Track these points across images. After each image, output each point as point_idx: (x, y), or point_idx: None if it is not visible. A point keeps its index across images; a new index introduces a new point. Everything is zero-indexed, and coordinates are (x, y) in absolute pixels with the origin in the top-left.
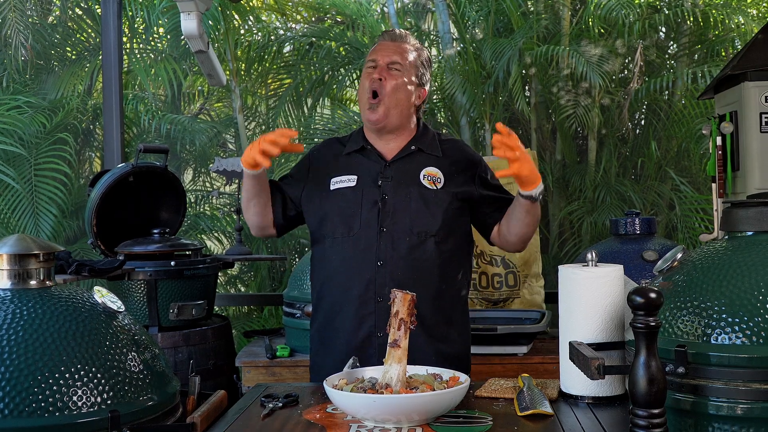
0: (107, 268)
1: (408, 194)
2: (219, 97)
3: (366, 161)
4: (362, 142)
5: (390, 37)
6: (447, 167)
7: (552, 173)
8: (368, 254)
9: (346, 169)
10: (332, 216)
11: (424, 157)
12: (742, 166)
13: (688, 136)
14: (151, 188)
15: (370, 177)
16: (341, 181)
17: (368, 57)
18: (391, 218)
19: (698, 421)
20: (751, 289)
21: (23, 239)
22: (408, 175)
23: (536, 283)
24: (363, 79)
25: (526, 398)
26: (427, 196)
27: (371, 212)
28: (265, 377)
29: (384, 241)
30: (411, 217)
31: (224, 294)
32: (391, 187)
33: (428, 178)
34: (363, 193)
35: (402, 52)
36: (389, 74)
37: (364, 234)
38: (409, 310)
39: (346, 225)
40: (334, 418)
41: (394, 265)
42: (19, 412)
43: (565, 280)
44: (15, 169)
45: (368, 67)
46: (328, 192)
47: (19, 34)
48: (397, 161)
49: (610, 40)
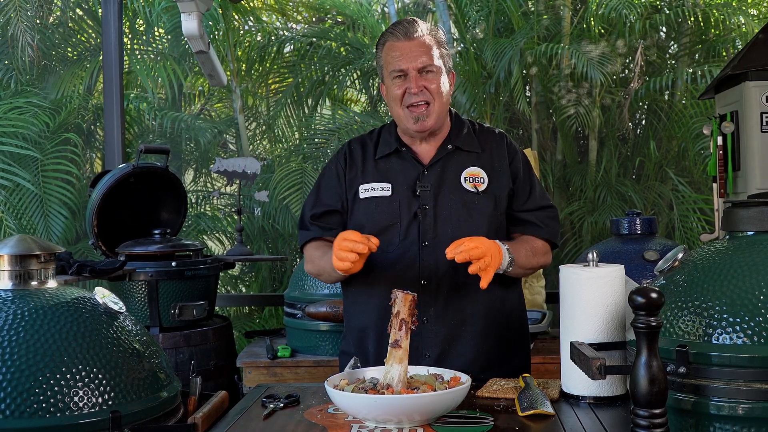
0: (108, 269)
1: (449, 202)
2: (220, 98)
3: (401, 166)
4: (396, 144)
5: (404, 33)
6: (489, 164)
7: (552, 173)
8: (410, 272)
9: (378, 175)
10: (366, 228)
11: (462, 156)
12: (742, 166)
13: (687, 136)
14: (152, 189)
15: (407, 185)
16: (373, 189)
17: (388, 63)
18: (433, 231)
19: (699, 421)
20: (752, 288)
21: (24, 240)
22: (448, 180)
23: (537, 283)
24: (393, 89)
25: (528, 398)
26: (469, 203)
27: (411, 225)
28: (267, 378)
29: (426, 257)
30: (453, 228)
31: (225, 294)
32: (431, 196)
33: (470, 180)
34: (400, 204)
35: (426, 49)
36: (425, 79)
37: (404, 250)
38: (410, 311)
39: (383, 240)
40: (335, 419)
41: (438, 284)
42: (21, 412)
43: (566, 280)
44: (21, 172)
45: (395, 77)
46: (359, 201)
47: (26, 34)
48: (434, 164)
49: (611, 39)
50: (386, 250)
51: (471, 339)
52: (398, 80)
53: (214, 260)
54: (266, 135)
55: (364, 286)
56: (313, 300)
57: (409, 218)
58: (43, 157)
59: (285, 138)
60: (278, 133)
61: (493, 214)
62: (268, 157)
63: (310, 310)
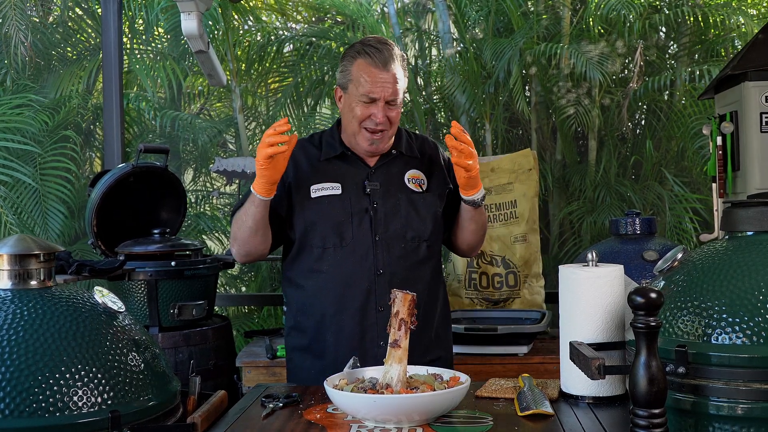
0: (108, 269)
1: (397, 200)
2: (219, 97)
3: (349, 168)
4: (341, 148)
5: (382, 61)
6: (427, 169)
7: (552, 173)
8: (365, 264)
9: (326, 175)
10: (319, 225)
11: (404, 160)
12: (742, 166)
13: (687, 136)
14: (152, 188)
15: (356, 184)
16: (324, 189)
17: (359, 85)
18: (384, 226)
19: (699, 421)
20: (751, 289)
21: (23, 239)
22: (394, 180)
23: (536, 283)
24: (356, 108)
25: (527, 398)
26: (415, 201)
27: (363, 221)
28: (266, 377)
29: (380, 249)
30: (402, 223)
31: (224, 294)
32: (380, 193)
33: (413, 182)
34: (351, 201)
35: (396, 83)
36: (389, 109)
37: (358, 243)
38: (410, 310)
39: (336, 235)
40: (334, 419)
41: (391, 274)
42: (20, 412)
43: (566, 280)
44: (20, 170)
45: (363, 101)
46: (310, 200)
47: (19, 32)
48: (380, 166)
49: (611, 39)
50: (339, 245)
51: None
52: (364, 104)
53: (213, 260)
54: None
55: (321, 280)
56: None
57: (361, 214)
58: (43, 153)
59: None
60: None
61: (436, 212)
62: None
63: None
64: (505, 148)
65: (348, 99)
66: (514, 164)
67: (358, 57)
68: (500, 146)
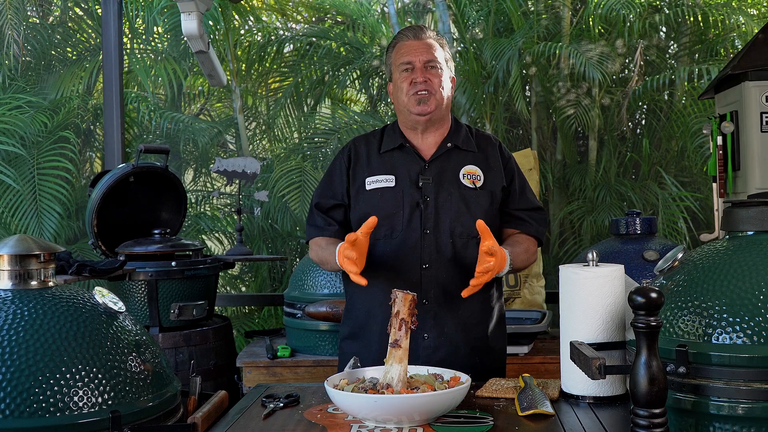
0: (108, 269)
1: (449, 195)
2: (219, 98)
3: (404, 160)
4: (400, 140)
5: (413, 34)
6: (485, 164)
7: (552, 173)
8: (413, 257)
9: (383, 168)
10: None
11: (461, 154)
12: (742, 166)
13: (687, 136)
14: (152, 188)
15: (410, 177)
16: (378, 181)
17: (397, 59)
18: (434, 220)
19: (699, 421)
20: (751, 288)
21: (24, 240)
22: (448, 175)
23: (537, 283)
24: (400, 82)
25: (527, 398)
26: (467, 197)
27: (414, 214)
28: (266, 377)
29: (427, 243)
30: (452, 218)
31: (225, 294)
32: (432, 188)
33: (468, 177)
34: (404, 194)
35: (432, 48)
36: (430, 73)
37: (407, 236)
38: (410, 310)
39: (388, 226)
40: (335, 419)
41: (438, 268)
42: (20, 412)
43: (566, 280)
44: (16, 169)
45: (403, 70)
46: (365, 192)
47: (12, 32)
48: (435, 159)
49: (611, 39)
50: (390, 236)
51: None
52: (405, 73)
53: (213, 260)
54: (266, 135)
55: (369, 271)
56: (312, 300)
57: (412, 207)
58: (31, 157)
59: (284, 138)
60: (278, 133)
61: (489, 209)
62: (267, 157)
63: (309, 309)
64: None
65: (394, 84)
66: None
67: (395, 43)
68: None
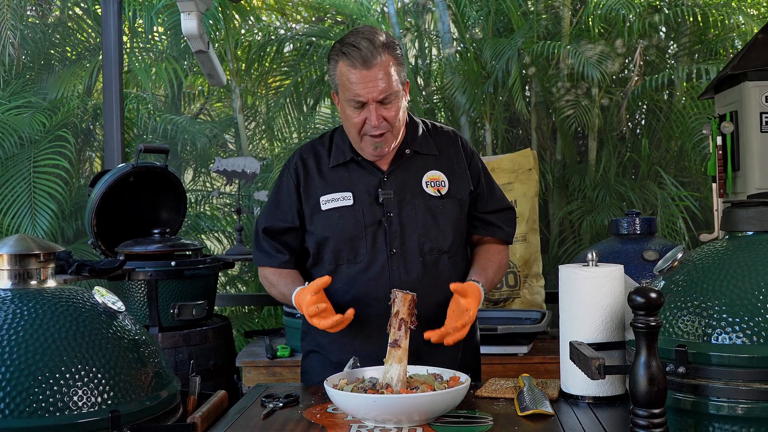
0: (108, 269)
1: (413, 209)
2: (219, 97)
3: (360, 174)
4: (351, 153)
5: (362, 61)
6: (448, 168)
7: (552, 173)
8: (381, 281)
9: (338, 184)
10: (332, 241)
11: (421, 159)
12: (742, 166)
13: (686, 135)
14: (152, 188)
15: (369, 193)
16: (335, 200)
17: (345, 88)
18: (400, 239)
19: (699, 421)
20: (751, 288)
21: (24, 239)
22: (410, 185)
23: (536, 283)
24: (350, 115)
25: (527, 398)
26: (433, 208)
27: (377, 233)
28: (266, 377)
29: (395, 264)
30: (419, 234)
31: (224, 294)
32: (395, 203)
33: (432, 185)
34: (364, 213)
35: (386, 77)
36: (385, 109)
37: (373, 259)
38: (410, 310)
39: (350, 250)
40: (334, 418)
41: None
42: (20, 412)
43: (566, 280)
44: (13, 169)
45: (354, 107)
46: (320, 212)
47: (8, 32)
48: (394, 170)
49: (610, 39)
50: (353, 260)
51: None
52: (356, 110)
53: (213, 260)
54: (266, 134)
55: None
56: None
57: (374, 226)
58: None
59: (284, 138)
60: (277, 133)
61: (458, 219)
62: (267, 157)
63: None
64: (505, 148)
65: (341, 104)
66: (514, 164)
67: (339, 59)
68: (500, 146)
